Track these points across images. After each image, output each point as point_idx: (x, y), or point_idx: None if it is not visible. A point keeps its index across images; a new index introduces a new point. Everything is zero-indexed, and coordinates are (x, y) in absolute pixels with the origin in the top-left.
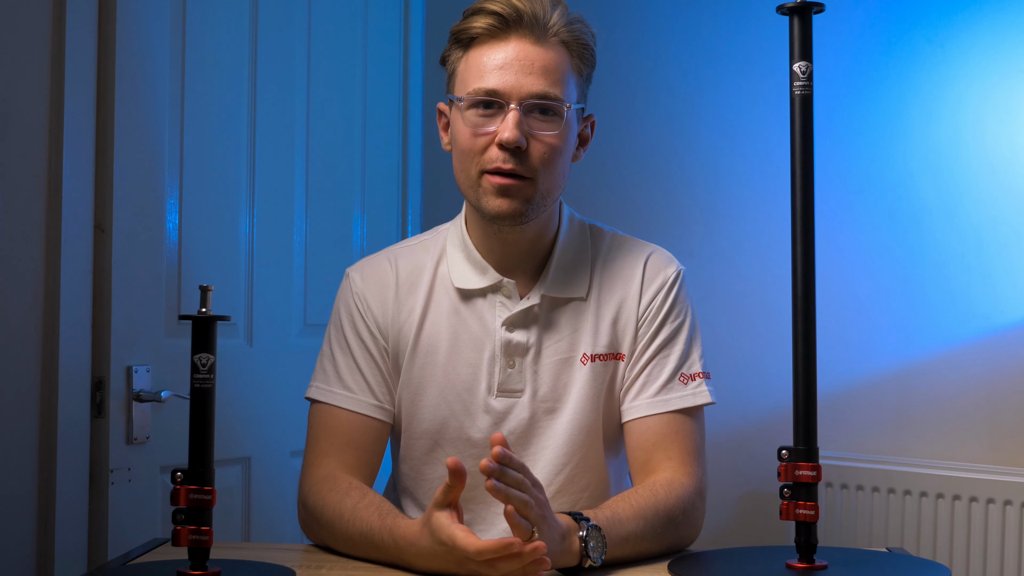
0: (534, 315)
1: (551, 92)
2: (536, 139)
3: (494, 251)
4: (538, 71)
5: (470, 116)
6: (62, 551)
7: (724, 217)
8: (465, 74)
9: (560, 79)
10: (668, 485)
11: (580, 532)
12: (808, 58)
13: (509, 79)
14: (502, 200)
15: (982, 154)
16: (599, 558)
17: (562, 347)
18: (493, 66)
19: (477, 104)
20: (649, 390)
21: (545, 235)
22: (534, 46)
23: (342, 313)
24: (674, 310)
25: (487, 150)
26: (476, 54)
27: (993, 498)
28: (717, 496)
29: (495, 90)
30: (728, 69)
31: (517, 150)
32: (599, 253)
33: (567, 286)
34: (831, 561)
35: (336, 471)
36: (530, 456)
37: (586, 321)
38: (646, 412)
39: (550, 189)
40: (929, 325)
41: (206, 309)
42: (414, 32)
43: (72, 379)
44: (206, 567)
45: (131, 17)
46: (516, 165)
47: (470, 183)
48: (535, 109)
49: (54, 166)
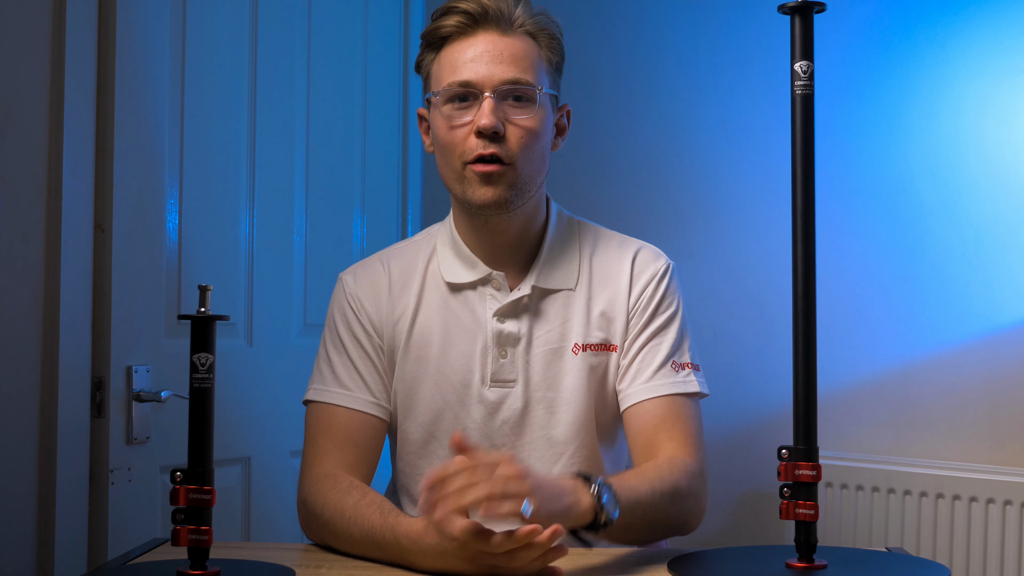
0: (524, 306)
1: (522, 78)
2: (512, 124)
3: (483, 245)
4: (508, 59)
5: (447, 110)
6: (62, 551)
7: (724, 217)
8: (439, 72)
9: (530, 66)
10: (671, 460)
11: (592, 488)
12: (809, 57)
13: (481, 69)
14: (487, 188)
15: (982, 154)
16: (614, 511)
17: (553, 337)
18: (464, 60)
19: (453, 98)
20: (643, 376)
21: (532, 227)
22: (502, 37)
23: (336, 315)
24: (665, 300)
25: (466, 140)
26: (447, 52)
27: (993, 498)
28: (717, 496)
29: (468, 81)
30: (729, 69)
31: (495, 136)
32: (587, 247)
33: (556, 277)
34: (831, 561)
35: (336, 469)
36: (525, 445)
37: (576, 311)
38: (643, 396)
39: (532, 174)
40: (929, 325)
41: (205, 309)
42: (414, 32)
43: (72, 379)
44: (206, 567)
45: (131, 17)
46: (496, 150)
47: (455, 176)
48: (509, 96)
49: (54, 166)
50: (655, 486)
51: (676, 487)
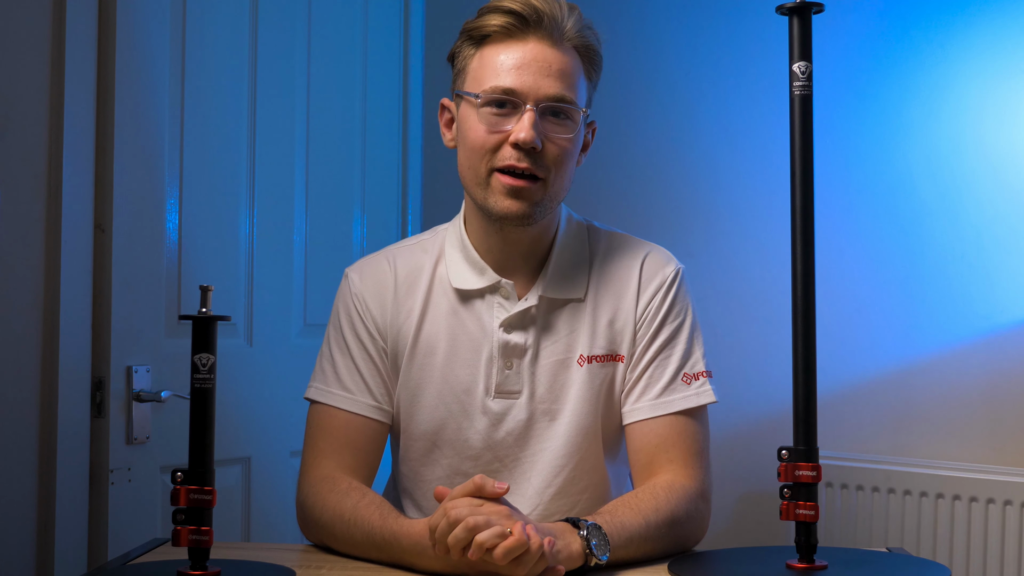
0: (532, 316)
1: (567, 95)
2: (550, 141)
3: (493, 251)
4: (555, 74)
5: (484, 114)
6: (62, 551)
7: (724, 217)
8: (479, 71)
9: (575, 83)
10: (669, 487)
11: (581, 531)
12: (808, 58)
13: (527, 79)
14: (511, 201)
15: (982, 154)
16: (604, 556)
17: (559, 348)
18: (510, 65)
19: (492, 102)
20: (651, 392)
21: (546, 236)
22: (551, 48)
23: (341, 314)
24: (673, 309)
25: (500, 148)
26: (491, 52)
27: (993, 498)
28: (717, 496)
29: (512, 89)
30: (728, 69)
31: (532, 151)
32: (597, 253)
33: (565, 287)
34: (831, 561)
35: (335, 472)
36: (528, 458)
37: (583, 323)
38: (648, 415)
39: (558, 192)
40: (929, 325)
41: (206, 309)
42: (414, 32)
43: (72, 379)
44: (206, 567)
45: (131, 17)
46: (530, 164)
47: (478, 180)
48: (550, 111)
49: (54, 166)
50: (649, 518)
51: (673, 516)
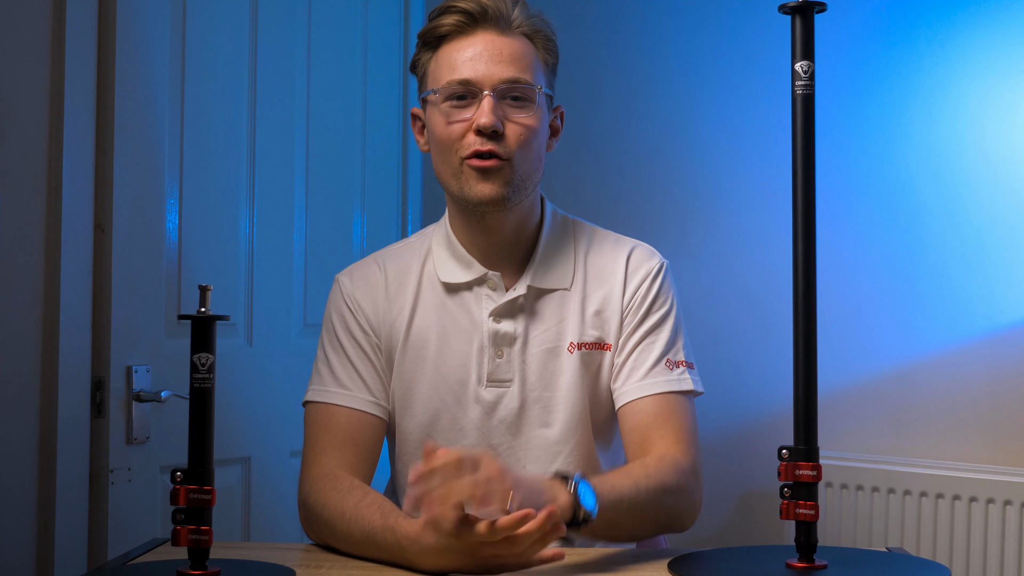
0: (520, 305)
1: (521, 77)
2: (511, 122)
3: (478, 244)
4: (507, 59)
5: (446, 108)
6: (62, 551)
7: (724, 217)
8: (436, 71)
9: (528, 66)
10: (660, 458)
11: (569, 484)
12: (810, 57)
13: (480, 68)
14: (484, 184)
15: (982, 154)
16: (593, 508)
17: (549, 336)
18: (464, 59)
19: (451, 96)
20: (637, 374)
21: (527, 226)
22: (500, 37)
23: (333, 316)
24: (659, 299)
25: (464, 137)
26: (446, 51)
27: (993, 498)
28: (717, 496)
29: (468, 80)
30: (729, 68)
31: (494, 134)
32: (582, 246)
33: (551, 277)
34: (831, 561)
35: (336, 469)
36: (522, 446)
37: (571, 310)
38: (637, 395)
39: (528, 172)
40: (929, 325)
41: (206, 309)
42: (414, 32)
43: (72, 379)
44: (206, 567)
45: (131, 17)
46: (495, 147)
47: (452, 172)
48: (507, 94)
49: (54, 166)
50: (640, 483)
51: (663, 483)
